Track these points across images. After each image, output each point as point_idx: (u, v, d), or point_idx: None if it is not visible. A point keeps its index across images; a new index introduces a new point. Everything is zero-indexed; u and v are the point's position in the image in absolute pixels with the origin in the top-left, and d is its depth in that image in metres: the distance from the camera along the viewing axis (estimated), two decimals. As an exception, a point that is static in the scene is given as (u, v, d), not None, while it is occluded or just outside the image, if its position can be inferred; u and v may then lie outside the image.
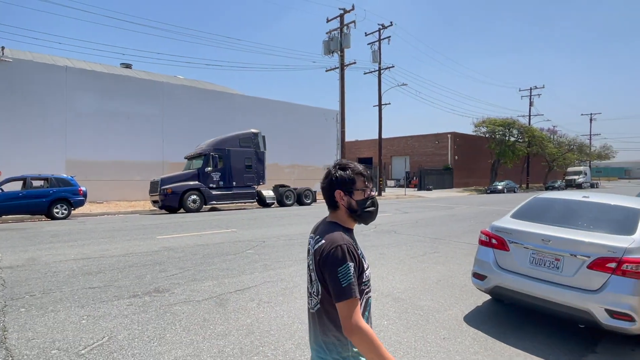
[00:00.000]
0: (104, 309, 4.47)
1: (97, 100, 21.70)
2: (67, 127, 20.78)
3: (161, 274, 6.02)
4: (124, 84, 23.05)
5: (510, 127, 43.56)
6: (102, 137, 21.72)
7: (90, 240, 9.11)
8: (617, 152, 65.92)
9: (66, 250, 7.89)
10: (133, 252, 7.69)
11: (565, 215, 4.44)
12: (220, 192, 18.21)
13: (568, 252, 3.77)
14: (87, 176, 20.31)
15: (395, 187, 45.72)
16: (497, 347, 3.67)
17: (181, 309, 4.49)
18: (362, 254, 1.61)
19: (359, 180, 1.61)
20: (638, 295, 3.39)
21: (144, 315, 4.29)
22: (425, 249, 8.31)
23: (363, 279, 1.55)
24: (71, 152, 20.84)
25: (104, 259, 7.12)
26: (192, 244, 8.68)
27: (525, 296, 3.97)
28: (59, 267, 6.46)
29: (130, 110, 22.87)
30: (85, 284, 5.48)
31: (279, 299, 4.89)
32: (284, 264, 6.73)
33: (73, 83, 21.03)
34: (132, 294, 5.03)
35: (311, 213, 16.24)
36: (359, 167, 1.64)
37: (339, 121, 29.57)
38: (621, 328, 3.41)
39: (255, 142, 19.79)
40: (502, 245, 4.32)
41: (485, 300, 4.99)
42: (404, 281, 5.82)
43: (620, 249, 3.53)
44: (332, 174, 1.65)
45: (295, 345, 3.60)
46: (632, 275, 3.43)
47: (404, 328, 4.06)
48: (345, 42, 27.28)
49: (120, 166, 22.40)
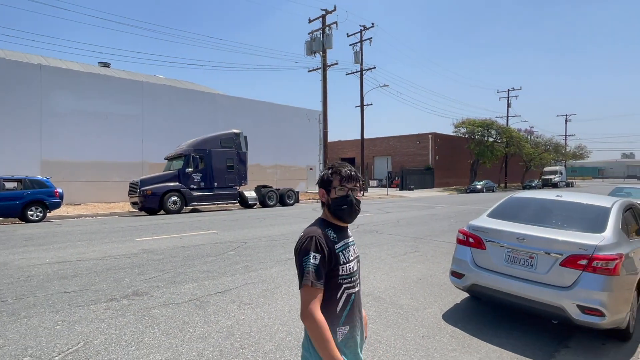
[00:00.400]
0: (80, 314, 4.37)
1: (73, 99, 21.15)
2: (43, 127, 20.18)
3: (140, 277, 5.92)
4: (102, 83, 22.53)
5: (488, 127, 44.53)
6: (79, 137, 21.18)
7: (66, 244, 8.87)
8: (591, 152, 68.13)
9: (41, 254, 7.66)
10: (111, 255, 7.53)
11: (540, 214, 4.57)
12: (201, 193, 17.99)
13: (542, 250, 3.88)
14: (63, 177, 19.80)
15: (378, 187, 46.06)
16: (474, 344, 3.74)
17: (160, 312, 4.42)
18: (348, 248, 1.67)
19: (335, 180, 1.67)
20: (608, 291, 3.51)
21: (122, 319, 4.20)
22: (406, 248, 8.41)
23: (339, 272, 1.60)
24: (47, 152, 20.25)
25: (81, 262, 6.95)
26: (172, 246, 8.55)
27: (502, 293, 4.07)
28: (33, 272, 6.28)
29: (108, 110, 22.36)
30: (61, 289, 5.34)
31: (260, 301, 4.87)
32: (266, 265, 6.70)
33: (48, 82, 20.44)
34: (109, 298, 4.93)
35: (294, 214, 16.21)
36: (340, 167, 1.70)
37: (321, 121, 29.61)
38: (592, 323, 3.53)
39: (237, 143, 19.63)
40: (479, 244, 4.41)
41: (463, 298, 5.08)
42: (384, 280, 5.87)
43: (591, 246, 3.65)
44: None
45: (276, 346, 3.59)
46: (602, 272, 3.56)
47: (384, 327, 4.10)
48: (327, 43, 27.35)
49: (99, 167, 21.88)
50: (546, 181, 51.74)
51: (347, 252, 1.65)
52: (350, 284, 1.65)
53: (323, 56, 27.78)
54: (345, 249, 1.65)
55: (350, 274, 1.65)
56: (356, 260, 1.74)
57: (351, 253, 1.69)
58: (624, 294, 3.67)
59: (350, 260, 1.66)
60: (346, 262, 1.63)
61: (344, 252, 1.64)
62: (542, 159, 54.35)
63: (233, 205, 20.49)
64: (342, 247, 1.64)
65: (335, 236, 1.64)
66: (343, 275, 1.62)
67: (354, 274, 1.67)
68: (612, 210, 4.24)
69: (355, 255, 1.74)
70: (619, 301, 3.60)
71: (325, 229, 1.65)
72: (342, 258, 1.62)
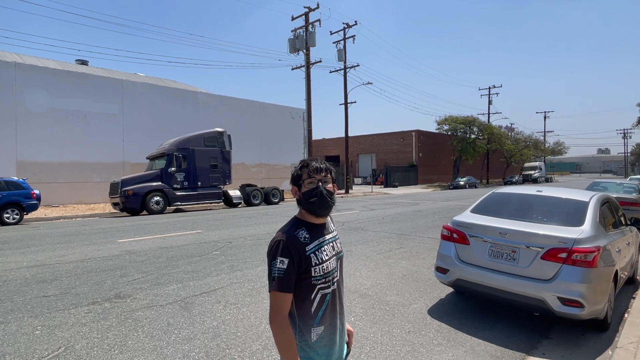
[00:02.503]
0: (60, 318, 4.25)
1: (50, 98, 20.53)
2: (18, 126, 19.54)
3: (122, 279, 5.80)
4: (80, 81, 21.94)
5: (470, 124, 45.24)
6: (56, 136, 20.58)
7: (44, 246, 8.64)
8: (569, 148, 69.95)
9: (18, 258, 7.44)
10: (92, 257, 7.36)
11: (521, 209, 4.67)
12: (184, 193, 17.76)
13: (523, 244, 3.96)
14: (40, 178, 19.25)
15: (363, 184, 46.28)
16: (460, 338, 3.80)
17: (144, 315, 4.35)
18: (322, 247, 1.62)
19: (304, 173, 1.64)
20: (587, 282, 3.61)
21: (104, 323, 4.11)
22: (391, 245, 8.47)
23: (312, 273, 1.57)
24: (22, 153, 19.63)
25: (60, 265, 6.77)
26: (155, 246, 8.41)
27: (485, 287, 4.14)
28: (10, 276, 6.09)
29: (87, 109, 21.79)
30: (40, 293, 5.19)
31: (246, 300, 4.84)
32: (251, 265, 6.66)
33: (23, 80, 19.80)
34: (91, 301, 4.82)
35: (279, 212, 16.15)
36: (308, 161, 1.67)
37: (305, 119, 29.56)
38: (572, 314, 3.63)
39: (221, 142, 19.43)
40: (462, 239, 4.47)
41: (448, 293, 5.15)
42: (370, 277, 5.90)
43: (570, 239, 3.75)
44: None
45: (263, 346, 3.57)
46: (581, 264, 3.65)
47: (370, 323, 4.12)
48: (311, 41, 27.28)
49: (77, 167, 21.34)
50: (526, 177, 52.89)
51: (320, 253, 1.60)
52: (324, 284, 1.61)
53: (306, 54, 27.71)
54: (318, 249, 1.60)
55: (325, 275, 1.60)
56: (335, 257, 1.68)
57: (326, 253, 1.63)
58: (602, 286, 3.78)
59: (324, 260, 1.60)
60: (319, 263, 1.58)
61: (317, 253, 1.59)
62: (522, 155, 55.53)
63: (217, 205, 20.30)
64: (314, 247, 1.59)
65: (307, 237, 1.59)
66: (316, 277, 1.57)
67: (329, 273, 1.62)
68: (590, 204, 4.36)
69: (335, 252, 1.69)
70: (597, 292, 3.70)
71: (298, 230, 1.60)
72: (314, 259, 1.57)
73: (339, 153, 50.54)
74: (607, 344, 3.73)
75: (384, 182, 42.49)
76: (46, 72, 21.07)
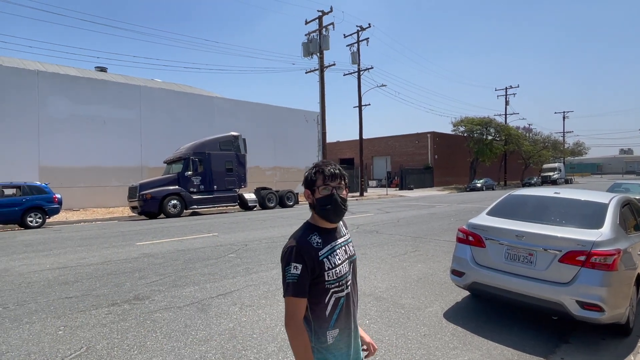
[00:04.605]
0: (82, 319, 4.38)
1: (71, 104, 21.13)
2: (40, 132, 20.17)
3: (141, 281, 5.93)
4: (100, 88, 22.53)
5: (487, 126, 44.56)
6: (77, 142, 21.16)
7: (66, 249, 8.88)
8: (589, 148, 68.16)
9: (41, 260, 7.67)
10: (111, 260, 7.53)
11: (538, 211, 4.59)
12: (201, 197, 18.00)
13: (541, 246, 3.90)
14: (62, 183, 19.77)
15: (377, 187, 46.09)
16: (475, 342, 3.76)
17: (162, 316, 4.43)
18: (335, 252, 1.64)
19: (318, 179, 1.64)
20: (606, 286, 3.54)
21: (124, 324, 4.22)
22: (406, 248, 8.42)
23: (326, 277, 1.58)
24: (45, 158, 20.23)
25: (81, 267, 6.96)
26: (172, 249, 8.56)
27: (502, 291, 4.09)
28: (34, 278, 6.28)
29: (106, 115, 22.35)
30: (62, 294, 5.34)
31: (262, 302, 4.89)
32: (267, 267, 6.72)
33: (45, 87, 20.44)
34: (111, 303, 4.94)
35: (294, 215, 16.22)
36: (323, 165, 1.66)
37: (319, 122, 29.63)
38: (592, 318, 3.55)
39: (236, 145, 19.65)
40: (478, 242, 4.43)
41: (464, 297, 5.10)
42: (385, 280, 5.89)
43: (589, 242, 3.68)
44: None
45: (278, 347, 3.61)
46: (600, 267, 3.58)
47: (385, 326, 4.12)
48: (324, 44, 27.38)
49: (97, 172, 21.87)
50: (545, 178, 51.83)
51: (333, 257, 1.61)
52: (338, 287, 1.62)
53: (320, 57, 27.82)
54: (331, 254, 1.61)
55: (338, 278, 1.61)
56: (348, 261, 1.69)
57: (339, 257, 1.64)
58: (622, 289, 3.69)
59: (337, 264, 1.61)
60: (332, 267, 1.59)
61: (330, 257, 1.60)
62: (540, 156, 54.39)
63: (233, 208, 20.50)
64: (327, 252, 1.61)
65: (320, 241, 1.60)
66: (330, 281, 1.59)
67: (342, 277, 1.63)
68: (610, 206, 4.26)
69: (347, 256, 1.70)
70: (618, 296, 3.62)
71: (310, 235, 1.61)
72: (327, 264, 1.58)
73: (354, 156, 50.42)
74: (629, 350, 3.64)
75: (399, 185, 42.21)
76: (67, 79, 21.70)
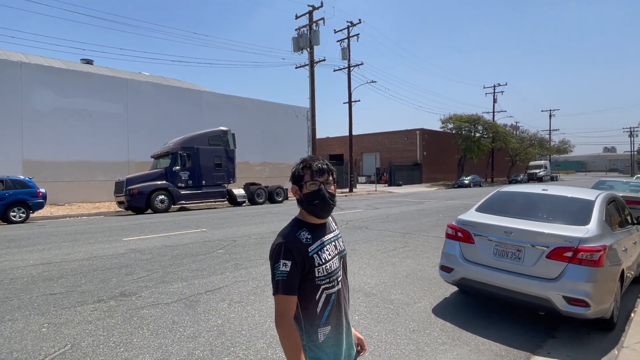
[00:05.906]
0: (67, 316, 4.29)
1: (56, 97, 20.67)
2: (24, 125, 19.70)
3: (127, 277, 5.84)
4: (85, 81, 22.08)
5: (475, 123, 45.02)
6: (62, 136, 20.74)
7: (50, 245, 8.70)
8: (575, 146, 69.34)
9: (24, 256, 7.50)
10: (97, 256, 7.41)
11: (526, 208, 4.64)
12: (189, 192, 17.82)
13: (529, 243, 3.94)
14: (46, 177, 19.39)
15: (366, 183, 46.21)
16: (464, 337, 3.79)
17: (149, 313, 4.37)
18: (324, 248, 1.61)
19: (306, 174, 1.62)
20: (593, 282, 3.59)
21: (110, 321, 4.14)
22: (395, 243, 8.46)
23: (316, 274, 1.56)
24: (29, 152, 19.79)
25: (66, 263, 6.83)
26: (160, 245, 8.45)
27: (490, 286, 4.12)
28: (17, 274, 6.14)
29: (92, 108, 21.93)
30: (46, 290, 5.23)
31: (251, 298, 4.85)
32: (255, 263, 6.68)
33: (29, 79, 19.95)
34: (96, 299, 4.85)
35: (283, 211, 16.17)
36: (311, 161, 1.64)
37: (309, 118, 29.53)
38: (578, 313, 3.61)
39: (225, 140, 19.48)
40: (467, 238, 4.46)
41: (452, 292, 5.14)
42: (374, 276, 5.90)
43: (576, 238, 3.72)
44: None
45: (267, 344, 3.58)
46: (587, 263, 3.63)
47: (375, 322, 4.12)
48: (315, 39, 27.24)
49: (83, 166, 21.48)
50: (531, 175, 52.56)
51: (322, 253, 1.59)
52: (329, 284, 1.60)
53: (310, 52, 27.68)
54: (321, 249, 1.59)
55: (329, 274, 1.59)
56: (338, 256, 1.67)
57: (329, 252, 1.62)
58: (608, 285, 3.75)
59: (327, 260, 1.59)
60: (322, 263, 1.57)
61: (320, 253, 1.58)
62: (527, 154, 55.19)
63: (222, 203, 20.35)
64: (317, 248, 1.58)
65: (309, 237, 1.58)
66: (320, 277, 1.57)
67: (332, 273, 1.61)
68: (596, 203, 4.33)
69: (337, 251, 1.68)
70: (604, 292, 3.68)
71: (299, 231, 1.59)
72: (317, 260, 1.56)
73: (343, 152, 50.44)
74: (613, 344, 3.71)
75: (388, 181, 42.42)
76: (52, 71, 21.21)
